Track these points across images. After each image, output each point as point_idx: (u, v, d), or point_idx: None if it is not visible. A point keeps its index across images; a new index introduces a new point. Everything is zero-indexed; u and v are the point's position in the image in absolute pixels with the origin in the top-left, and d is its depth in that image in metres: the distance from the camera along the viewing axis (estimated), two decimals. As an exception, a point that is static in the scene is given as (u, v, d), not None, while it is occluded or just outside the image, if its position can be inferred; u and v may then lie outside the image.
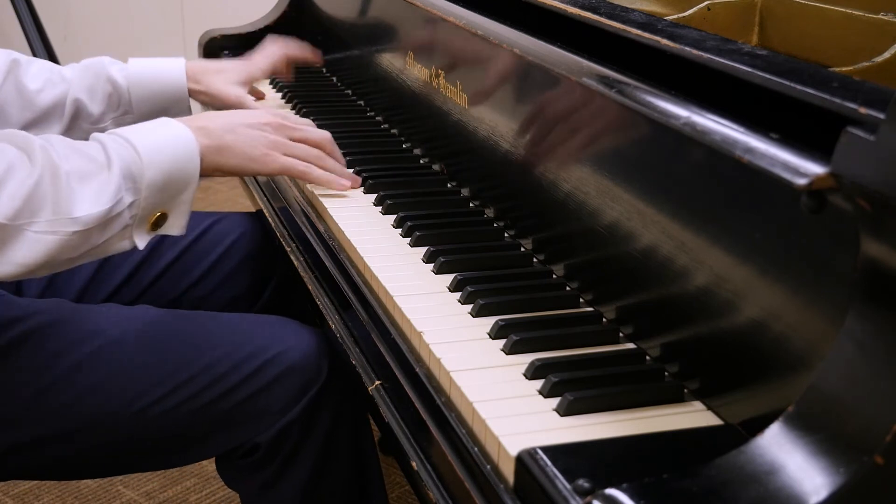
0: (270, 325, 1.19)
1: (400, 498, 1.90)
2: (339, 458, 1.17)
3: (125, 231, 1.06)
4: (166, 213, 1.09)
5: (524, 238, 1.14)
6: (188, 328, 1.17)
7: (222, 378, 1.12)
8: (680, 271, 0.85)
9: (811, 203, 0.68)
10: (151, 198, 1.06)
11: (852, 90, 0.69)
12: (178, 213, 1.10)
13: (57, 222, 0.98)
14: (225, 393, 1.12)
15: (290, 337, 1.16)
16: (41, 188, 0.98)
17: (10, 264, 0.98)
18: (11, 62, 1.35)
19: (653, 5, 1.26)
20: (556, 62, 1.01)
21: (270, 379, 1.12)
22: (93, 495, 1.90)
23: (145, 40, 3.08)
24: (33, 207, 0.97)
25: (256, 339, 1.15)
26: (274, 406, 1.12)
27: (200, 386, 1.11)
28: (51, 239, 0.98)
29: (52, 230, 0.98)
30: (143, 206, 1.06)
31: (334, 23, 1.83)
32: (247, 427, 1.13)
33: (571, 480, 0.69)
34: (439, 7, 1.28)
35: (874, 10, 1.03)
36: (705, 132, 0.78)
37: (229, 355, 1.13)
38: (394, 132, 1.52)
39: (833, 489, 0.61)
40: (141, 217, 1.07)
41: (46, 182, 0.98)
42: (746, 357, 0.78)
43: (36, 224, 0.98)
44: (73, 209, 0.99)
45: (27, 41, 2.73)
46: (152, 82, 1.43)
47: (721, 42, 0.87)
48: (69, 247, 1.00)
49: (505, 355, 0.91)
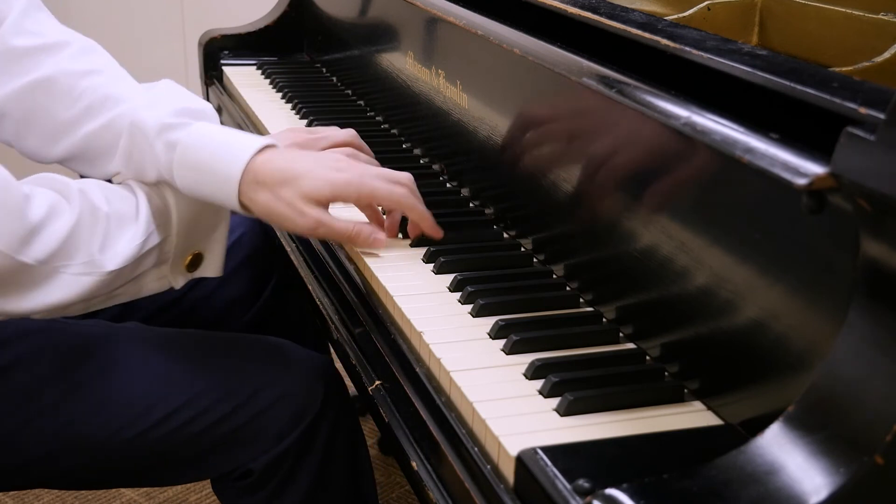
0: (267, 350, 1.17)
1: (400, 498, 1.90)
2: (335, 483, 1.16)
3: (160, 270, 1.06)
4: (202, 254, 1.09)
5: (524, 238, 1.14)
6: (182, 352, 1.15)
7: (216, 405, 1.10)
8: (680, 271, 0.85)
9: (811, 203, 0.68)
10: (181, 235, 1.06)
11: (852, 90, 0.69)
12: (214, 253, 1.10)
13: (90, 264, 0.99)
14: (219, 420, 1.10)
15: (286, 363, 1.15)
16: (78, 231, 0.98)
17: (41, 304, 0.98)
18: None
19: (653, 5, 1.26)
20: (556, 62, 1.01)
21: (265, 406, 1.11)
22: (93, 495, 1.90)
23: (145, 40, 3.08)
24: (70, 251, 0.98)
25: (251, 364, 1.14)
26: (268, 433, 1.11)
27: (193, 413, 1.10)
28: (85, 280, 0.99)
29: (87, 272, 0.99)
30: (175, 244, 1.05)
31: (334, 23, 1.83)
32: (240, 453, 1.12)
33: (571, 480, 0.69)
34: (439, 7, 1.28)
35: (874, 10, 1.03)
36: (705, 132, 0.78)
37: (224, 382, 1.11)
38: (394, 132, 1.52)
39: (833, 489, 0.61)
40: (175, 257, 1.06)
41: (84, 225, 0.98)
42: (746, 357, 0.78)
43: (72, 266, 0.98)
44: (104, 253, 0.99)
45: (27, 41, 2.73)
46: None
47: (721, 42, 0.87)
48: (102, 287, 1.01)
49: (505, 355, 0.91)
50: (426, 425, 0.87)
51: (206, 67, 1.94)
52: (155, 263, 1.05)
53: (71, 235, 0.98)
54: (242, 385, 1.11)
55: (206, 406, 1.10)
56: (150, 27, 3.10)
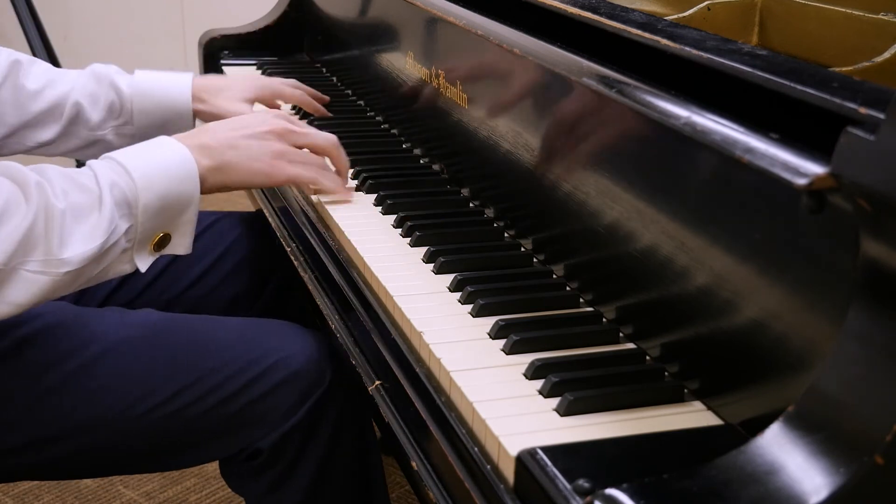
0: (273, 330, 1.18)
1: (400, 498, 1.90)
2: (343, 463, 1.17)
3: (124, 255, 1.04)
4: (169, 234, 1.07)
5: (524, 238, 1.14)
6: (189, 333, 1.16)
7: (223, 384, 1.11)
8: (680, 271, 0.85)
9: (811, 203, 0.68)
10: (149, 222, 1.04)
11: (852, 90, 0.69)
12: (182, 233, 1.09)
13: (48, 262, 0.97)
14: (225, 399, 1.11)
15: (292, 342, 1.15)
16: (35, 229, 0.96)
17: (7, 304, 0.97)
18: (12, 63, 1.35)
19: (653, 5, 1.26)
20: (556, 62, 1.01)
21: (272, 385, 1.11)
22: (93, 495, 1.90)
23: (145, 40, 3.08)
24: (27, 248, 0.96)
25: (258, 343, 1.14)
26: (276, 412, 1.11)
27: (200, 392, 1.10)
28: (44, 279, 0.97)
29: (44, 270, 0.97)
30: (141, 230, 1.04)
31: (334, 23, 1.83)
32: (248, 432, 1.13)
33: (571, 480, 0.69)
34: (439, 7, 1.28)
35: (874, 10, 1.03)
36: (705, 132, 0.78)
37: (230, 361, 1.12)
38: (394, 132, 1.52)
39: (833, 489, 0.61)
40: (140, 240, 1.05)
41: (41, 223, 0.97)
42: (746, 357, 0.78)
43: (29, 264, 0.96)
44: (63, 250, 0.98)
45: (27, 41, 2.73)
46: (156, 95, 1.41)
47: (721, 42, 0.87)
48: (63, 285, 0.99)
49: (505, 355, 0.91)
50: (426, 425, 0.87)
51: (206, 67, 1.94)
52: (120, 251, 1.04)
53: (29, 233, 0.96)
54: (250, 364, 1.12)
55: (212, 385, 1.11)
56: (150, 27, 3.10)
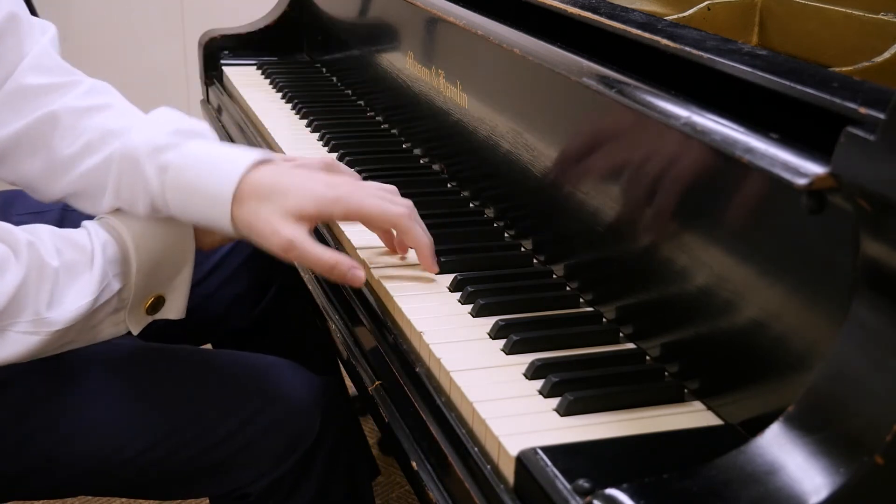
0: (263, 372, 1.14)
1: (400, 498, 1.90)
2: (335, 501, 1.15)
3: (116, 315, 1.01)
4: (163, 297, 1.04)
5: (524, 238, 1.14)
6: (176, 370, 1.12)
7: (211, 429, 1.08)
8: (680, 271, 0.85)
9: (811, 203, 0.68)
10: (142, 282, 1.01)
11: (852, 90, 0.69)
12: (175, 297, 1.04)
13: (38, 322, 0.94)
14: (214, 444, 1.08)
15: (283, 385, 1.12)
16: (25, 289, 0.93)
17: None
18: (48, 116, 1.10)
19: (653, 5, 1.26)
20: (556, 62, 1.01)
21: (262, 431, 1.08)
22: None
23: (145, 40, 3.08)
24: (17, 308, 0.93)
25: (248, 387, 1.12)
26: (265, 458, 1.09)
27: (187, 437, 1.08)
28: (33, 339, 0.95)
29: (34, 330, 0.95)
30: (135, 291, 1.00)
31: (334, 23, 1.83)
32: (236, 477, 1.10)
33: (571, 480, 0.69)
34: (439, 7, 1.28)
35: (874, 10, 1.03)
36: (705, 132, 0.78)
37: (219, 404, 1.09)
38: (394, 132, 1.52)
39: (833, 489, 0.61)
40: (134, 302, 1.01)
41: (32, 282, 0.94)
42: (746, 357, 0.78)
43: (18, 325, 0.94)
44: (53, 309, 0.95)
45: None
46: None
47: (721, 42, 0.87)
48: (52, 343, 0.97)
49: (505, 355, 0.91)
50: (426, 425, 0.87)
51: (206, 67, 1.94)
52: (112, 311, 1.01)
53: (17, 294, 0.93)
54: (238, 409, 1.09)
55: (200, 430, 1.08)
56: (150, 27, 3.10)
